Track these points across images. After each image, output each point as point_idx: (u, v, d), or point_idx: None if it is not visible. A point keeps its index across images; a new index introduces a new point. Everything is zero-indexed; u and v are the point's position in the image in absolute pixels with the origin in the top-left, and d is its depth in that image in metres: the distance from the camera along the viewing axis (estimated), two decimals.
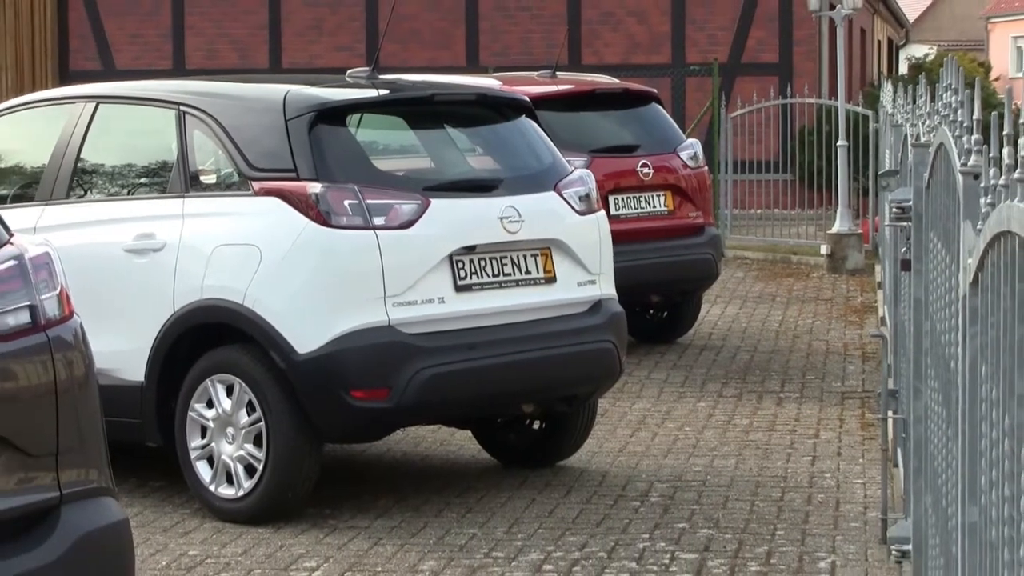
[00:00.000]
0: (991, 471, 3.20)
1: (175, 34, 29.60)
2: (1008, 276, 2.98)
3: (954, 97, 4.58)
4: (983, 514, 3.38)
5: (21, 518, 4.62)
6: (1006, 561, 2.97)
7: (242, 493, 8.51)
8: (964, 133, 4.11)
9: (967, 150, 3.93)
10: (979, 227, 3.42)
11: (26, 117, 9.91)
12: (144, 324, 8.72)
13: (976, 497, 3.51)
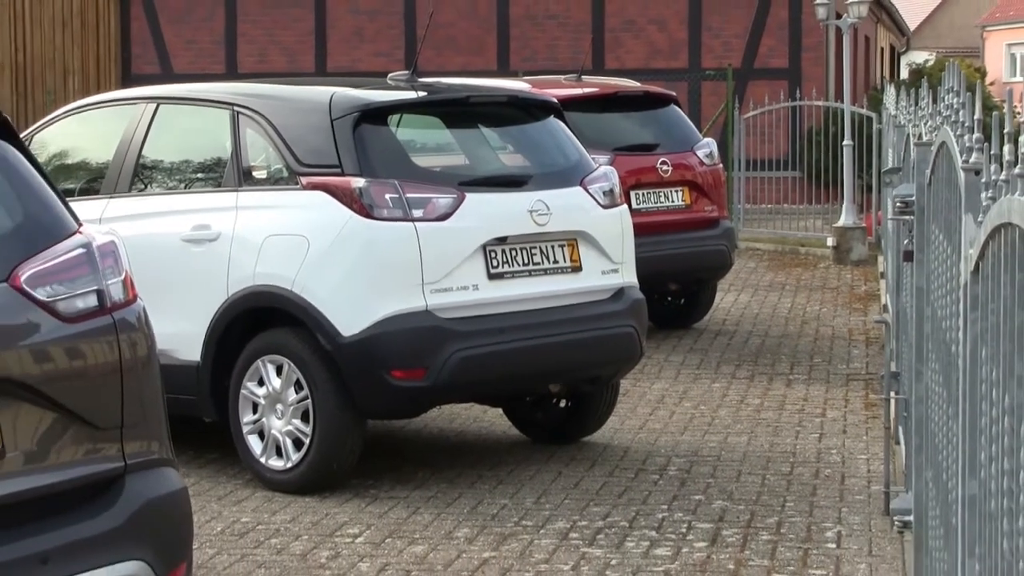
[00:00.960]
0: (991, 447, 3.19)
1: (228, 40, 29.65)
2: (1009, 265, 2.97)
3: (956, 99, 4.56)
4: (982, 487, 3.37)
5: (90, 486, 4.64)
6: (1005, 531, 2.96)
7: (290, 465, 8.54)
8: (966, 132, 4.09)
9: (968, 148, 3.92)
10: (980, 220, 3.41)
11: (93, 116, 9.94)
12: (200, 308, 8.75)
13: (976, 471, 3.50)
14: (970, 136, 3.96)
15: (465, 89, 9.77)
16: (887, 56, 44.78)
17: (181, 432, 6.79)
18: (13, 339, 4.51)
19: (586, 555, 7.39)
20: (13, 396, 4.47)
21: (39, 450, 4.52)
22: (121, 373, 4.74)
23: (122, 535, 4.61)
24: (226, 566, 7.27)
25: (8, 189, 4.77)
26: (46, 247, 4.69)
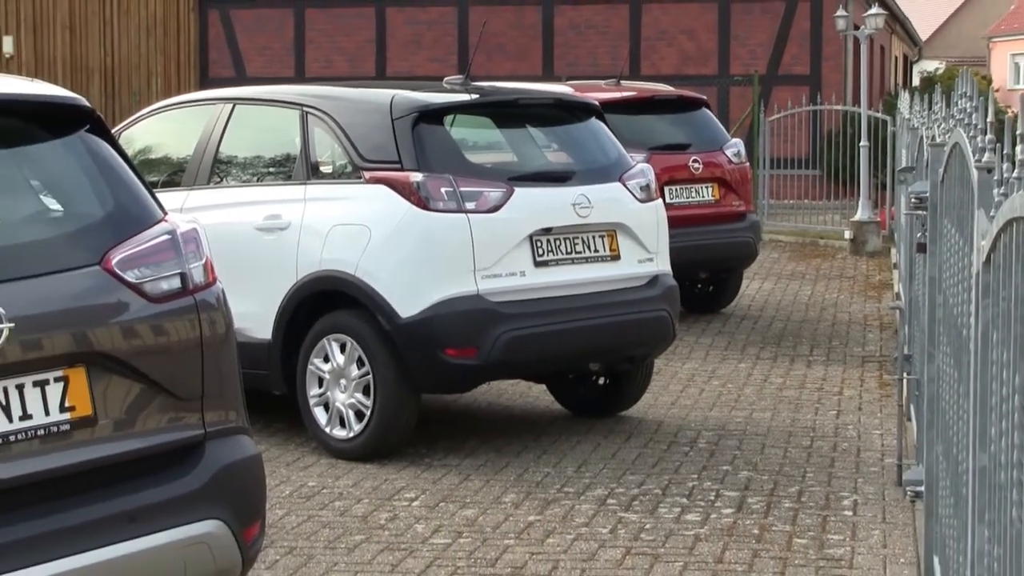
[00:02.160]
0: (1001, 423, 3.18)
1: (296, 47, 29.71)
2: (1020, 256, 2.96)
3: (969, 103, 4.53)
4: (992, 460, 3.35)
5: (173, 451, 4.66)
6: (1014, 500, 2.95)
7: (352, 435, 8.55)
8: (978, 134, 4.07)
9: (981, 148, 3.89)
10: (992, 214, 3.39)
11: (175, 116, 9.98)
12: (271, 291, 8.77)
13: (986, 445, 3.48)
14: (983, 137, 3.93)
15: (514, 92, 9.77)
16: (900, 64, 44.54)
17: (253, 404, 6.81)
18: (105, 317, 4.53)
19: (623, 519, 7.38)
20: (104, 368, 4.49)
21: (127, 418, 4.54)
22: (201, 349, 4.75)
23: (202, 496, 4.63)
24: (294, 525, 7.29)
25: (101, 181, 4.79)
26: (135, 233, 4.70)
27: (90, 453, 4.43)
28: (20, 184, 4.79)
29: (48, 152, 4.83)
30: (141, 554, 4.45)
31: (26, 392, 4.31)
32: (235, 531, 4.70)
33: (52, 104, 4.81)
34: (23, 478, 4.28)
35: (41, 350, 4.33)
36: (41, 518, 4.28)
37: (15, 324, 4.25)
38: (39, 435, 4.32)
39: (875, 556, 6.79)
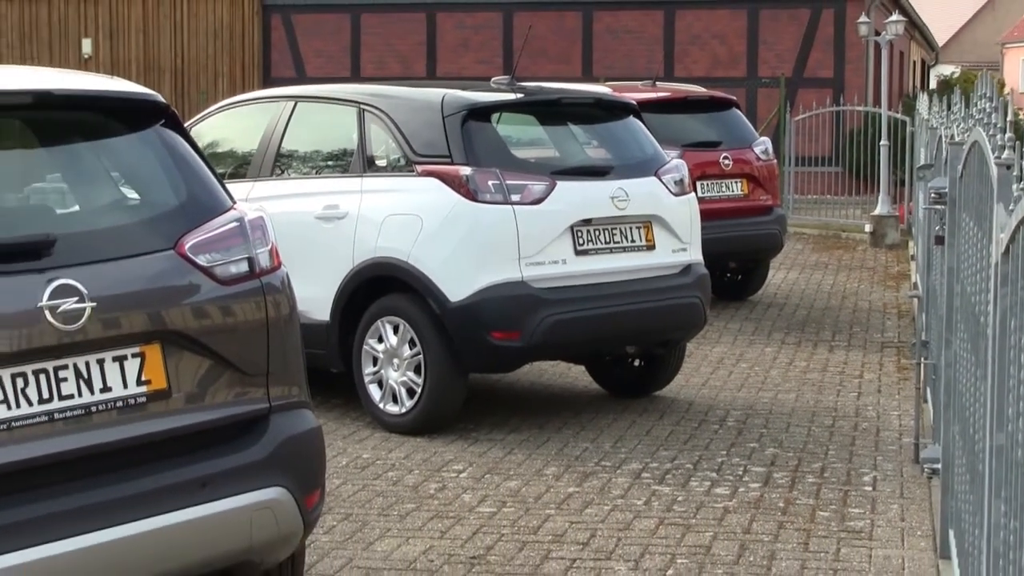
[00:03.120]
0: (1018, 404, 3.16)
1: (353, 49, 29.74)
2: None
3: (989, 104, 4.51)
4: (1009, 438, 3.34)
5: (240, 423, 4.68)
6: None
7: (404, 410, 8.57)
8: (998, 132, 4.05)
9: (1001, 146, 3.87)
10: (1011, 208, 3.37)
11: (241, 112, 10.00)
12: (330, 276, 8.79)
13: (1003, 425, 3.46)
14: (1002, 135, 3.91)
15: (557, 92, 9.75)
16: (918, 68, 44.27)
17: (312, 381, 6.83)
18: (178, 298, 4.55)
19: (656, 492, 7.37)
20: (177, 346, 4.51)
21: (198, 391, 4.56)
22: (267, 328, 4.77)
23: (267, 465, 4.64)
24: (350, 494, 7.31)
25: (175, 171, 4.81)
26: (206, 220, 4.72)
27: (164, 424, 4.46)
28: (101, 174, 4.82)
29: (126, 145, 4.86)
30: (211, 518, 4.47)
31: (106, 367, 4.34)
32: (297, 498, 4.72)
33: (131, 100, 4.84)
34: (103, 446, 4.31)
35: (120, 328, 4.36)
36: (120, 484, 4.32)
37: (96, 304, 4.28)
38: (117, 406, 4.35)
39: (893, 529, 6.76)
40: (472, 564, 6.24)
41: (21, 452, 4.13)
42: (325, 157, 9.46)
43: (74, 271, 4.27)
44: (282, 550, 4.82)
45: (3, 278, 4.18)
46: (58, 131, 4.85)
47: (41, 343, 4.19)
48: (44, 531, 4.11)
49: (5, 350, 4.12)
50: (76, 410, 4.26)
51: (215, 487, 4.49)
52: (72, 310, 4.22)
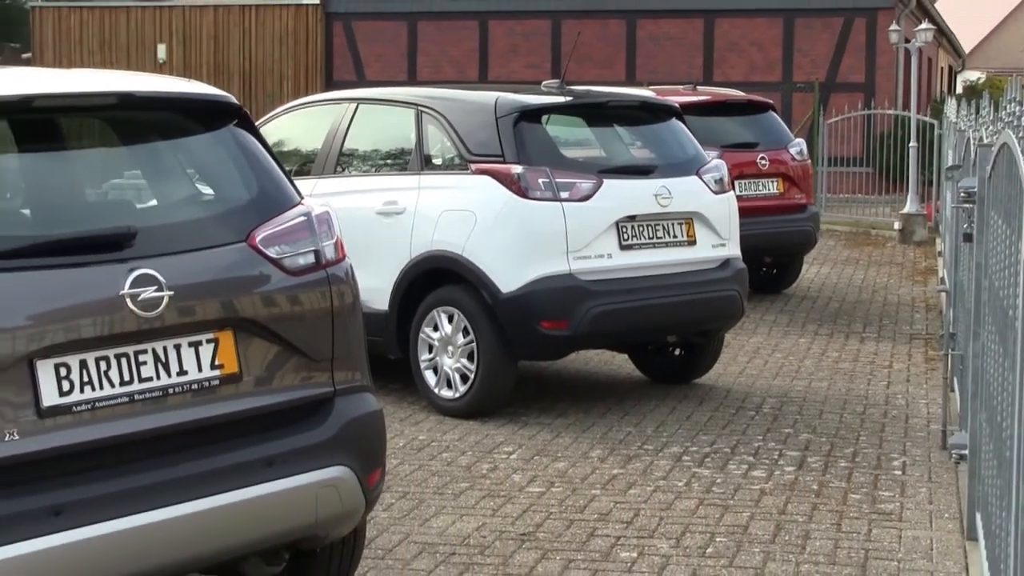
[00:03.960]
0: None
1: (410, 55, 29.80)
2: None
3: (1018, 107, 4.46)
4: None
5: (307, 405, 4.68)
6: None
7: (458, 395, 8.58)
8: None
9: None
10: None
11: (306, 113, 10.02)
12: (389, 268, 8.81)
13: None
14: None
15: (604, 95, 9.75)
16: (946, 74, 43.95)
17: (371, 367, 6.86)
18: (249, 287, 4.56)
19: (696, 474, 7.36)
20: (248, 332, 4.53)
21: (268, 375, 4.57)
22: (332, 317, 4.77)
23: (331, 445, 4.65)
24: (407, 473, 7.33)
25: (247, 168, 4.82)
26: (276, 215, 4.73)
27: (235, 405, 4.48)
28: (178, 171, 4.84)
29: (202, 143, 4.87)
30: (279, 494, 4.49)
31: (182, 351, 4.36)
32: (360, 476, 4.73)
33: (206, 101, 4.86)
34: (179, 426, 4.34)
35: (195, 315, 4.38)
36: (194, 461, 4.34)
37: (174, 292, 4.30)
38: (192, 389, 4.37)
39: (922, 511, 6.72)
40: (522, 540, 6.24)
41: (104, 431, 4.16)
42: (385, 156, 9.48)
43: (153, 262, 4.29)
44: (345, 525, 4.83)
45: (88, 268, 4.21)
46: (139, 130, 4.88)
47: (122, 329, 4.21)
48: (125, 505, 4.14)
49: (89, 335, 4.15)
50: (154, 392, 4.29)
51: (283, 466, 4.50)
52: (151, 298, 4.25)
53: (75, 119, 5.04)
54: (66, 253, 4.21)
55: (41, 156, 4.71)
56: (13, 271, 4.06)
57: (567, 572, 5.83)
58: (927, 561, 6.01)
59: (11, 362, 3.99)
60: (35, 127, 4.72)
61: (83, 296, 4.17)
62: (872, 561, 6.00)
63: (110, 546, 4.11)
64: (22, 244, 4.15)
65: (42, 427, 4.04)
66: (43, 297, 4.10)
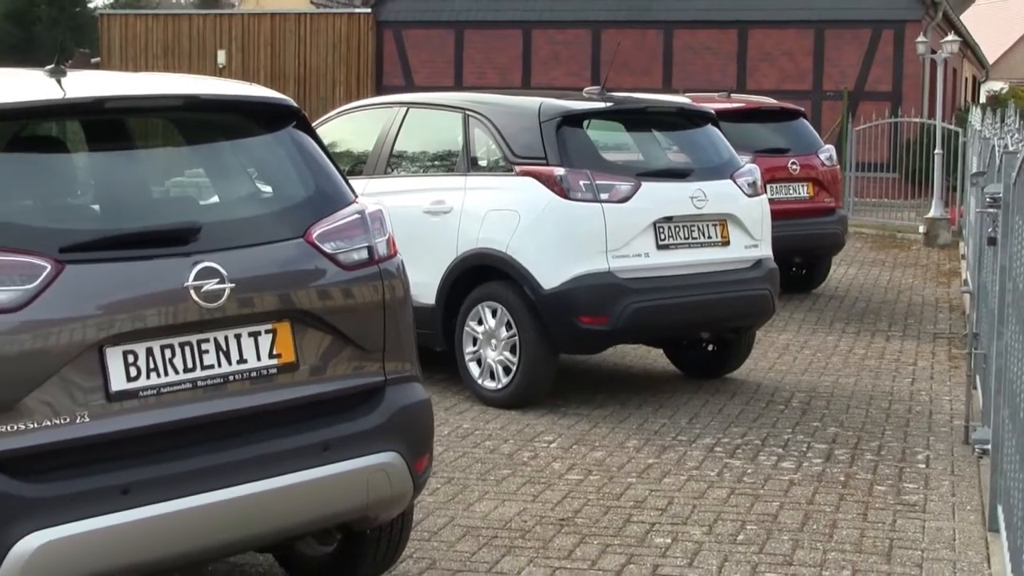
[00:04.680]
0: None
1: (456, 61, 29.81)
2: None
3: None
4: None
5: (360, 393, 4.69)
6: None
7: (500, 386, 8.59)
8: None
9: None
10: None
11: (358, 116, 10.05)
12: (436, 264, 8.82)
13: None
14: None
15: (643, 101, 9.71)
16: (970, 84, 43.61)
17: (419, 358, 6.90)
18: (306, 280, 4.58)
19: (727, 464, 7.34)
20: (304, 323, 4.54)
21: (322, 365, 4.58)
22: (384, 310, 4.78)
23: (382, 432, 4.66)
24: (452, 460, 7.34)
25: (305, 168, 4.84)
26: (331, 212, 4.74)
27: (292, 393, 4.49)
28: (239, 170, 4.86)
29: (262, 144, 4.89)
30: (332, 478, 4.50)
31: (242, 341, 4.38)
32: (408, 462, 4.73)
33: (267, 104, 4.87)
34: (238, 412, 4.36)
35: (254, 307, 4.40)
36: (252, 445, 4.36)
37: (235, 285, 4.32)
38: (251, 376, 4.39)
39: (945, 503, 6.68)
40: (561, 525, 6.24)
41: (168, 415, 4.19)
42: (433, 157, 9.49)
43: (216, 255, 4.32)
44: (394, 508, 4.84)
45: (154, 260, 4.24)
46: (203, 131, 4.90)
47: (186, 319, 4.24)
48: (187, 485, 4.16)
49: (155, 324, 4.18)
50: (215, 379, 4.31)
51: (336, 451, 4.51)
52: (214, 290, 4.27)
53: (143, 120, 5.08)
54: (134, 247, 4.24)
55: (111, 155, 4.75)
56: (85, 263, 4.10)
57: (604, 556, 5.83)
58: (950, 551, 5.97)
59: (82, 349, 4.03)
60: (106, 127, 4.76)
61: (150, 287, 4.20)
62: (896, 550, 5.97)
63: (174, 524, 4.14)
64: (93, 238, 4.19)
65: (111, 411, 4.08)
66: (113, 288, 4.13)
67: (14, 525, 3.84)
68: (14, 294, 3.94)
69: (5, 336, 3.90)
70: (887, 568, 5.74)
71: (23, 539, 3.85)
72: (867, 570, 5.71)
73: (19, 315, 3.93)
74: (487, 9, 29.38)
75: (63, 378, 3.99)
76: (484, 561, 5.75)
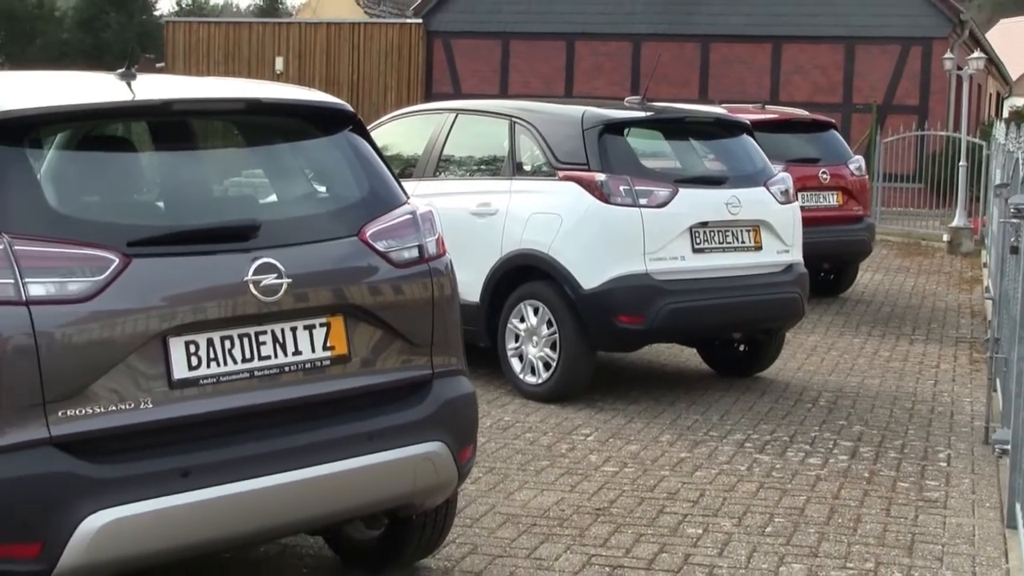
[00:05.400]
0: None
1: (502, 70, 29.80)
2: None
3: None
4: None
5: (408, 386, 4.69)
6: None
7: (540, 381, 8.57)
8: None
9: None
10: None
11: (409, 121, 10.04)
12: (481, 264, 8.81)
13: None
14: None
15: (681, 111, 9.68)
16: (994, 99, 43.24)
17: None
18: (359, 277, 4.58)
19: (757, 460, 7.30)
20: (357, 318, 4.54)
21: (373, 358, 4.58)
22: (432, 306, 4.77)
23: (429, 423, 4.65)
24: (493, 450, 7.33)
25: (360, 170, 4.83)
26: (384, 212, 4.73)
27: (344, 384, 4.49)
28: (297, 171, 4.86)
29: (319, 146, 4.88)
30: (381, 465, 4.49)
31: (298, 333, 4.39)
32: (454, 452, 4.72)
33: (325, 108, 4.87)
34: (292, 401, 4.36)
35: (310, 301, 4.40)
36: (305, 433, 4.35)
37: (292, 280, 4.33)
38: (305, 368, 4.40)
39: (965, 500, 6.62)
40: (597, 515, 6.22)
41: (226, 403, 4.20)
42: (480, 162, 9.48)
43: (274, 252, 4.32)
44: (439, 496, 4.83)
45: (216, 256, 4.25)
46: (263, 133, 4.91)
47: (245, 311, 4.25)
48: (244, 470, 4.17)
49: (215, 316, 4.19)
50: (271, 369, 4.31)
51: (386, 440, 4.51)
52: (272, 284, 4.28)
53: (207, 122, 5.09)
54: (197, 242, 4.25)
55: (176, 155, 4.76)
56: (150, 257, 4.11)
57: (638, 545, 5.81)
58: (969, 546, 5.92)
59: (147, 339, 4.04)
60: (172, 128, 4.77)
61: (211, 281, 4.21)
62: (918, 544, 5.92)
63: (230, 506, 4.15)
64: (159, 233, 4.20)
65: (172, 397, 4.09)
66: (176, 281, 4.14)
67: (82, 504, 3.86)
68: (84, 285, 3.96)
69: (75, 325, 3.93)
70: (908, 561, 5.70)
71: (90, 517, 3.87)
72: (890, 563, 5.67)
73: (88, 305, 3.95)
74: (533, 21, 29.36)
75: (128, 366, 4.01)
76: (523, 547, 5.74)
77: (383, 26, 31.28)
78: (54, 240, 3.96)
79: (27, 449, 3.83)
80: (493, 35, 29.72)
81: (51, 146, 4.32)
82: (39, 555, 3.82)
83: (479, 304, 8.82)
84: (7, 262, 3.87)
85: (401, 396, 4.65)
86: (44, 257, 3.93)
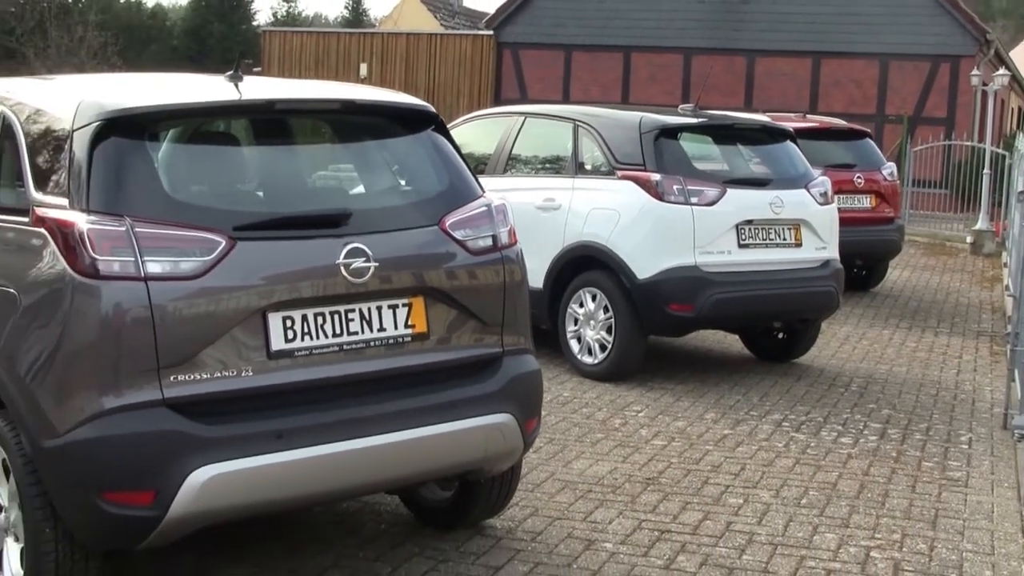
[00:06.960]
0: None
1: (565, 79, 29.76)
2: None
3: None
4: None
5: (481, 362, 4.69)
6: None
7: (596, 361, 8.55)
8: None
9: None
10: None
11: (482, 123, 10.04)
12: (545, 253, 8.81)
13: None
14: None
15: (730, 118, 9.60)
16: (1016, 113, 42.57)
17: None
18: (439, 263, 4.58)
19: (793, 438, 7.24)
20: (435, 299, 4.55)
21: (449, 336, 4.58)
22: (504, 290, 4.77)
23: (499, 396, 4.65)
24: (553, 423, 7.33)
25: (441, 166, 4.84)
26: (462, 204, 4.73)
27: (422, 359, 4.50)
28: (384, 165, 4.88)
29: (405, 143, 4.90)
30: (455, 433, 4.51)
31: (383, 312, 4.40)
32: (520, 422, 4.72)
33: (411, 109, 4.88)
34: (377, 373, 4.38)
35: (393, 283, 4.42)
36: (389, 402, 4.37)
37: (378, 264, 4.34)
38: (388, 343, 4.41)
39: (985, 480, 6.53)
40: (647, 484, 6.20)
41: (318, 373, 4.22)
42: (545, 161, 9.47)
43: (363, 238, 4.33)
44: (506, 462, 4.84)
45: (311, 240, 4.27)
46: (355, 131, 4.92)
47: (335, 291, 4.27)
48: (332, 434, 4.20)
49: (309, 295, 4.21)
50: (358, 344, 4.33)
51: (460, 410, 4.51)
52: (360, 267, 4.30)
53: (304, 120, 5.12)
54: (294, 228, 4.27)
55: (277, 149, 4.80)
56: (253, 240, 4.14)
57: (684, 512, 5.78)
58: (988, 522, 5.84)
59: (248, 313, 4.08)
60: (273, 125, 4.80)
61: (306, 263, 4.23)
62: (941, 519, 5.85)
63: (320, 466, 4.18)
64: (261, 219, 4.23)
65: (270, 367, 4.12)
66: (275, 262, 4.17)
67: (191, 458, 3.91)
68: (195, 264, 4.00)
69: (187, 300, 3.97)
70: (932, 534, 5.63)
71: (197, 471, 3.92)
72: (914, 535, 5.61)
73: (198, 282, 4.00)
74: (593, 35, 29.28)
75: (232, 337, 4.04)
76: (579, 511, 5.73)
77: (457, 37, 31.32)
78: (169, 223, 4.01)
79: (143, 409, 3.88)
80: (557, 47, 29.66)
81: (167, 139, 4.37)
82: (153, 502, 3.89)
83: (542, 290, 8.81)
84: (128, 242, 3.92)
85: (474, 371, 4.66)
86: (161, 238, 3.97)
